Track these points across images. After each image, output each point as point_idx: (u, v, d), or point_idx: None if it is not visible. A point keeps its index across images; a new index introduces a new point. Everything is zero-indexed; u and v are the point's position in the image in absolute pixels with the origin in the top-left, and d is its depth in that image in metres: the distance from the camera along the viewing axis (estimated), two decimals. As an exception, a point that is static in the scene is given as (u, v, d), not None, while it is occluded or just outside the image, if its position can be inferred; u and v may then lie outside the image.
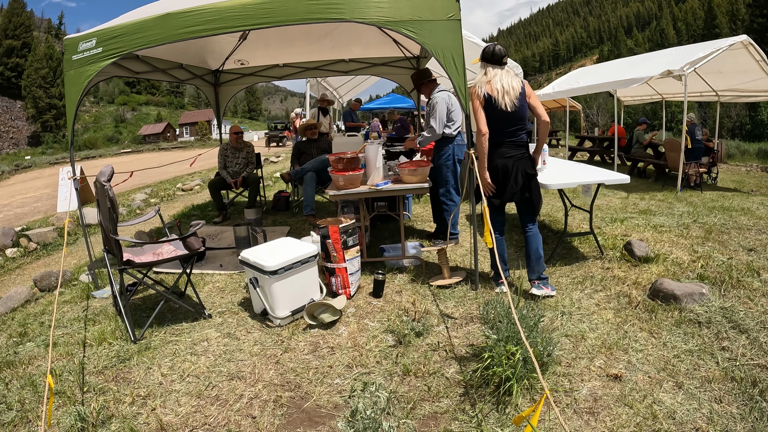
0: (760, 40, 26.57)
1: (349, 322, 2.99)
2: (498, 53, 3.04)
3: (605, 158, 11.62)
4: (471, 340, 2.67)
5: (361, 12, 2.99)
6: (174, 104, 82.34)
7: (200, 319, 3.12)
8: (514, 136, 3.09)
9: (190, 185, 10.46)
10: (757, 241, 4.18)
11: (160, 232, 5.39)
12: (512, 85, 3.00)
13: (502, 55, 3.04)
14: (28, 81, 56.44)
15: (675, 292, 2.94)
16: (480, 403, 2.11)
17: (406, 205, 5.38)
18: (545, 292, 3.14)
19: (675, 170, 7.64)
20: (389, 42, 5.81)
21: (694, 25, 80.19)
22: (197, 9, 3.13)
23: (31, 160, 30.65)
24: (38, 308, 3.61)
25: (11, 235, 5.96)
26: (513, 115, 3.01)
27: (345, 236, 3.31)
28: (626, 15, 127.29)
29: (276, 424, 2.08)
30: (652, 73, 7.12)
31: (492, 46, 3.08)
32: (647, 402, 2.06)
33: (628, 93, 11.69)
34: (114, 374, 2.50)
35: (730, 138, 21.42)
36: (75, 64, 3.51)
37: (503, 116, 3.00)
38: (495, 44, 3.09)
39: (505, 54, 3.07)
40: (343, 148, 5.20)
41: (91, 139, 54.63)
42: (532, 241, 3.20)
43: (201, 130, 53.74)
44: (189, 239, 3.16)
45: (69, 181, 6.54)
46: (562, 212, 4.14)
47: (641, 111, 27.51)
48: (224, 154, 6.08)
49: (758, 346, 2.44)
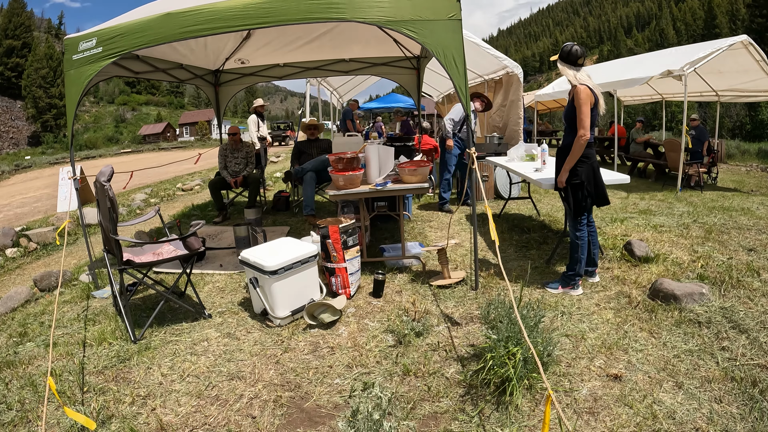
0: (759, 40, 26.56)
1: (349, 322, 2.99)
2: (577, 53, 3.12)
3: (605, 158, 11.62)
4: (471, 340, 2.67)
5: (362, 12, 2.99)
6: (174, 104, 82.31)
7: (200, 319, 3.12)
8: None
9: (190, 185, 10.46)
10: (757, 241, 4.18)
11: (160, 232, 5.39)
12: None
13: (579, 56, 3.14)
14: (28, 81, 56.40)
15: (675, 292, 2.94)
16: (480, 403, 2.11)
17: (406, 205, 5.38)
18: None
19: (675, 170, 7.64)
20: (389, 41, 5.81)
21: (693, 25, 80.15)
22: (197, 9, 3.13)
23: (31, 160, 30.64)
24: (38, 308, 3.61)
25: (11, 235, 5.96)
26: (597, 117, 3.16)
27: (345, 236, 3.31)
28: (626, 15, 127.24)
29: (276, 424, 2.08)
30: (652, 73, 7.12)
31: (572, 45, 3.14)
32: (647, 402, 2.06)
33: (628, 93, 11.69)
34: (114, 374, 2.50)
35: (730, 138, 21.39)
36: (75, 63, 3.51)
37: (594, 118, 3.11)
38: (574, 44, 3.15)
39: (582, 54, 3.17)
40: (343, 148, 5.21)
41: (91, 139, 54.63)
42: (595, 234, 3.42)
43: (201, 130, 53.70)
44: (189, 239, 3.16)
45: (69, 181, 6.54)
46: (562, 212, 4.14)
47: (641, 111, 27.48)
48: (224, 154, 6.09)
49: (758, 346, 2.44)
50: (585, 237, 3.25)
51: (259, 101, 8.85)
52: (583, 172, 3.11)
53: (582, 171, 3.12)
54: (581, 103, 2.99)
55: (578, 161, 3.11)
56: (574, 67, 3.10)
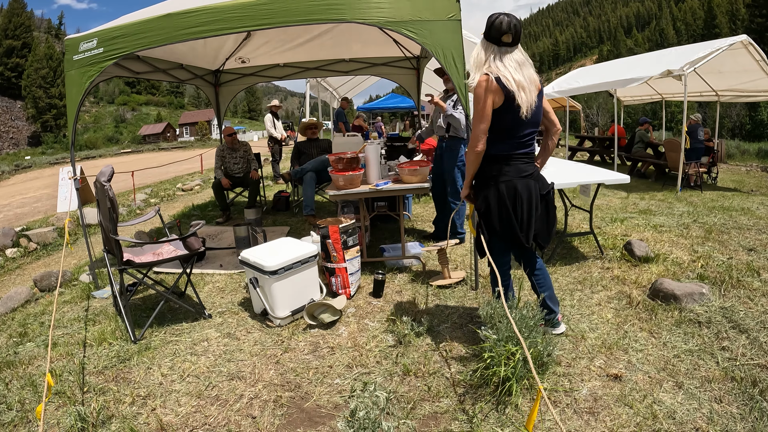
0: (759, 39, 26.56)
1: (349, 322, 2.99)
2: (501, 27, 2.17)
3: (605, 158, 11.62)
4: (471, 340, 2.67)
5: (362, 12, 3.00)
6: (174, 104, 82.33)
7: (200, 319, 3.12)
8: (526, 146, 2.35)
9: (190, 185, 10.46)
10: (757, 241, 4.18)
11: (160, 232, 5.39)
12: (532, 78, 2.24)
13: (505, 30, 2.17)
14: (28, 81, 56.41)
15: (675, 292, 2.94)
16: (480, 403, 2.11)
17: (406, 205, 5.39)
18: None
19: (675, 170, 7.64)
20: (389, 41, 5.81)
21: (693, 25, 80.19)
22: (198, 9, 3.14)
23: (31, 160, 30.62)
24: (38, 308, 3.61)
25: (11, 235, 5.96)
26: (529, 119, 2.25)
27: (345, 236, 3.31)
28: (626, 15, 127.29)
29: (276, 424, 2.08)
30: (652, 73, 7.12)
31: (498, 15, 2.21)
32: (647, 402, 2.06)
33: (628, 93, 11.69)
34: (114, 374, 2.50)
35: (730, 138, 21.41)
36: (76, 64, 3.51)
37: (512, 121, 2.25)
38: (503, 14, 2.22)
39: (509, 30, 2.18)
40: (343, 148, 5.21)
41: (91, 139, 54.66)
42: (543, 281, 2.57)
43: (201, 130, 53.75)
44: (189, 239, 3.16)
45: (69, 181, 6.53)
46: (562, 212, 4.14)
47: (641, 111, 27.50)
48: (221, 155, 6.09)
49: (758, 345, 2.44)
50: (507, 282, 2.58)
51: (275, 102, 9.02)
52: (490, 196, 2.32)
53: (489, 194, 2.32)
54: (476, 97, 2.20)
55: (482, 181, 2.37)
56: (498, 47, 2.21)
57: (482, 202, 2.37)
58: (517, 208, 2.29)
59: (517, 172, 2.30)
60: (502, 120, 2.23)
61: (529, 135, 2.31)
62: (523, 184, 2.29)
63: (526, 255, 2.54)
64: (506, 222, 2.32)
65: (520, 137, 2.29)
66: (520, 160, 2.32)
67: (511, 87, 2.16)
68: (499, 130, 2.26)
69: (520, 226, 2.31)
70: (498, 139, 2.28)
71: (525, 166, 2.33)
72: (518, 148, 2.30)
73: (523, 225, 2.31)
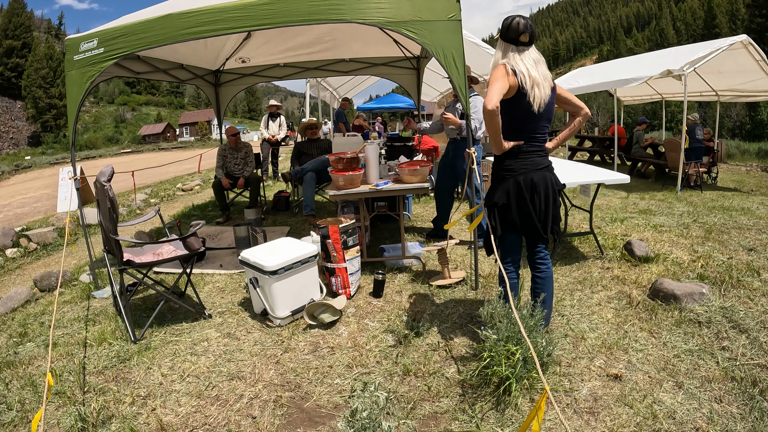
0: (759, 39, 26.57)
1: (349, 322, 2.99)
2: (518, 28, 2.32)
3: (605, 158, 11.62)
4: (471, 340, 2.67)
5: (362, 13, 3.00)
6: (174, 104, 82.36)
7: (200, 319, 3.12)
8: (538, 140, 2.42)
9: (190, 185, 10.46)
10: (757, 241, 4.18)
11: (160, 232, 5.39)
12: (546, 75, 2.36)
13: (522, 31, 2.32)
14: (28, 81, 56.41)
15: (675, 292, 2.94)
16: (480, 402, 2.11)
17: (406, 205, 5.39)
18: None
19: (675, 170, 7.64)
20: (389, 41, 5.81)
21: (693, 25, 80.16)
22: (199, 10, 3.13)
23: (31, 161, 30.61)
24: (38, 308, 3.61)
25: (11, 235, 5.96)
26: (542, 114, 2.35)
27: (345, 236, 3.32)
28: (626, 15, 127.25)
29: (276, 424, 2.08)
30: (652, 73, 7.12)
31: (514, 18, 2.38)
32: (647, 402, 2.06)
33: (628, 93, 11.69)
34: (114, 374, 2.51)
35: (730, 138, 21.40)
36: (76, 64, 3.51)
37: (524, 116, 2.35)
38: (519, 16, 2.38)
39: (527, 29, 2.33)
40: (343, 148, 5.21)
41: (91, 139, 54.65)
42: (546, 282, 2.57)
43: (201, 130, 53.75)
44: (189, 239, 3.16)
45: (69, 181, 6.54)
46: (562, 212, 4.14)
47: (641, 111, 27.50)
48: (223, 154, 6.10)
49: (758, 345, 2.44)
50: (514, 278, 2.55)
51: (272, 101, 9.03)
52: (510, 189, 2.39)
53: (510, 187, 2.39)
54: (491, 79, 2.26)
55: (500, 175, 2.44)
56: (516, 47, 2.35)
57: (502, 195, 2.42)
58: (535, 199, 2.38)
59: (534, 165, 2.39)
60: (515, 112, 2.33)
61: (541, 129, 2.42)
62: (539, 176, 2.38)
63: (537, 254, 2.56)
64: (526, 215, 2.40)
65: (532, 130, 2.39)
66: (535, 153, 2.40)
67: (525, 82, 2.28)
68: (514, 122, 2.35)
69: (538, 217, 2.39)
70: (512, 131, 2.37)
71: (540, 159, 2.42)
72: (532, 141, 2.39)
73: (540, 216, 2.40)
